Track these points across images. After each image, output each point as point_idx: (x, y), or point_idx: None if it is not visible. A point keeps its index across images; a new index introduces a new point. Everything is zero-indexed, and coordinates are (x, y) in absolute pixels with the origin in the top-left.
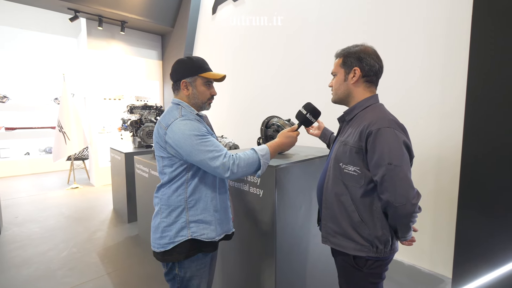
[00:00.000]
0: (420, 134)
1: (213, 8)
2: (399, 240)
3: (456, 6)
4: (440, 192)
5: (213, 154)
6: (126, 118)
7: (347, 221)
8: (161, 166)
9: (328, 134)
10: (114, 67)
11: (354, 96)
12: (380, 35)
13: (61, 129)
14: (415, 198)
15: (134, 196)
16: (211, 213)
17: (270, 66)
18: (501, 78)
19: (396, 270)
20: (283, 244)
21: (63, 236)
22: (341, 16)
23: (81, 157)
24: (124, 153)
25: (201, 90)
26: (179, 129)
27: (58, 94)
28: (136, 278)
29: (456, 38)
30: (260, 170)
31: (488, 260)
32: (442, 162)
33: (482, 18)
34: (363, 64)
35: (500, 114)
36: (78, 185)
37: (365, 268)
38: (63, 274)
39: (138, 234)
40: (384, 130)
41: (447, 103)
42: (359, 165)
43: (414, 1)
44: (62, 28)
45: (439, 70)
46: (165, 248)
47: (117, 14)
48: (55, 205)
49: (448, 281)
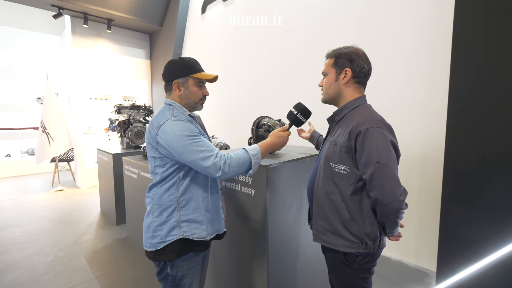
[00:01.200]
0: (405, 134)
1: (202, 8)
2: (386, 236)
3: (439, 13)
4: (424, 190)
5: (204, 154)
6: (113, 119)
7: (338, 219)
8: (153, 166)
9: (316, 136)
10: (101, 66)
11: (344, 96)
12: (367, 38)
13: (44, 130)
14: (402, 195)
15: (122, 197)
16: (202, 212)
17: (260, 66)
18: (482, 81)
19: (384, 266)
20: (274, 243)
21: (48, 240)
22: (329, 17)
23: (66, 158)
24: (112, 154)
25: (193, 90)
26: (171, 129)
27: (40, 94)
28: (126, 280)
29: (439, 44)
30: (252, 169)
31: (470, 253)
32: (426, 161)
33: (463, 25)
34: (354, 65)
35: (481, 115)
36: (63, 187)
37: (355, 264)
38: (49, 279)
39: (127, 236)
40: (372, 130)
41: (431, 105)
42: (349, 164)
43: (401, 7)
44: (45, 25)
45: (423, 74)
46: (157, 247)
47: (103, 11)
48: (39, 209)
49: (432, 275)
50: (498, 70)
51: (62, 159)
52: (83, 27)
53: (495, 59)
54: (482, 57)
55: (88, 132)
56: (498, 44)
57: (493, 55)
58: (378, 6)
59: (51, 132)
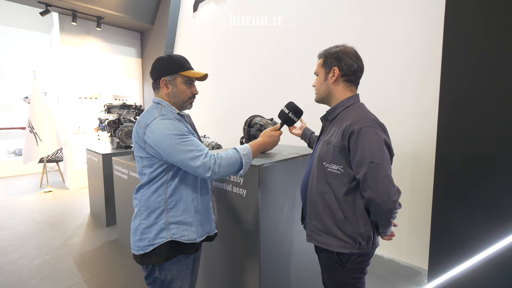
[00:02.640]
0: (398, 133)
1: (194, 6)
2: (380, 235)
3: (431, 17)
4: (416, 189)
5: (193, 154)
6: (103, 118)
7: (331, 219)
8: (141, 167)
9: (309, 133)
10: (90, 64)
11: (334, 95)
12: (361, 40)
13: (32, 130)
14: (396, 195)
15: (112, 198)
16: (192, 214)
17: (252, 65)
18: (471, 83)
19: (377, 265)
20: (266, 243)
21: (35, 243)
22: (323, 17)
23: (54, 159)
24: (102, 154)
25: (182, 88)
26: (158, 128)
27: (28, 93)
28: (116, 283)
29: (431, 47)
30: (242, 169)
31: (461, 251)
32: (418, 160)
33: (453, 29)
34: (341, 64)
35: (471, 116)
36: (52, 188)
37: (348, 264)
38: (36, 283)
39: (117, 238)
40: (365, 130)
41: (423, 105)
42: (342, 163)
43: (393, 10)
44: (32, 22)
45: (416, 75)
46: (145, 250)
47: (93, 9)
48: (26, 210)
49: (424, 273)
50: (486, 72)
51: (51, 160)
52: (72, 25)
53: (484, 62)
54: (472, 60)
55: (77, 132)
56: (487, 47)
57: (482, 57)
58: (371, 8)
59: (39, 132)
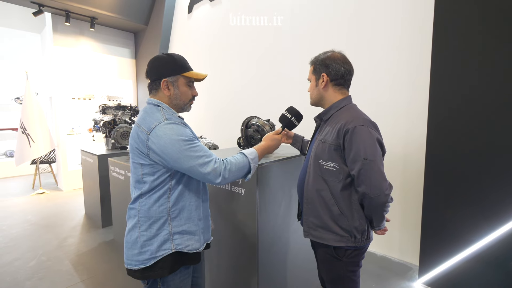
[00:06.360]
0: (389, 134)
1: (189, 7)
2: (374, 230)
3: (419, 19)
4: (407, 188)
5: (203, 160)
6: (98, 119)
7: (328, 215)
8: (140, 174)
9: (300, 139)
10: (83, 65)
11: (326, 99)
12: (353, 44)
13: (24, 131)
14: (388, 189)
15: (108, 199)
16: (196, 222)
17: (247, 66)
18: (460, 85)
19: (369, 261)
20: (265, 241)
21: (30, 244)
22: (317, 18)
23: (47, 160)
24: (97, 155)
25: (183, 90)
26: (165, 134)
27: (19, 93)
28: (114, 283)
29: (420, 51)
30: (250, 173)
31: (450, 247)
32: (408, 161)
33: (442, 33)
34: (329, 69)
35: (460, 117)
36: (45, 190)
37: (344, 258)
38: (32, 285)
39: (113, 238)
40: (359, 128)
41: (414, 107)
42: (338, 161)
43: (384, 14)
44: (24, 22)
45: (407, 79)
46: (145, 264)
47: (86, 9)
48: (19, 212)
49: (415, 268)
50: (474, 75)
51: (43, 161)
52: (65, 25)
53: (472, 65)
54: (460, 63)
55: (70, 133)
56: (474, 51)
57: (470, 61)
58: (364, 13)
59: (32, 133)
